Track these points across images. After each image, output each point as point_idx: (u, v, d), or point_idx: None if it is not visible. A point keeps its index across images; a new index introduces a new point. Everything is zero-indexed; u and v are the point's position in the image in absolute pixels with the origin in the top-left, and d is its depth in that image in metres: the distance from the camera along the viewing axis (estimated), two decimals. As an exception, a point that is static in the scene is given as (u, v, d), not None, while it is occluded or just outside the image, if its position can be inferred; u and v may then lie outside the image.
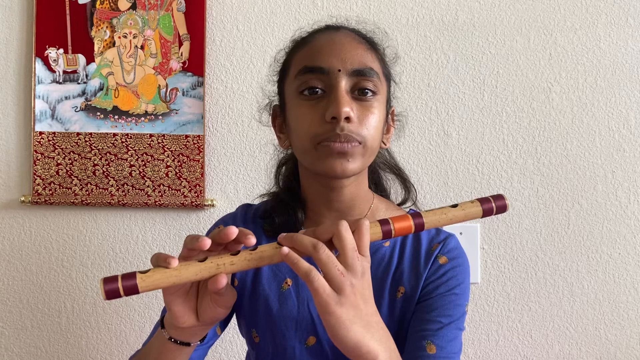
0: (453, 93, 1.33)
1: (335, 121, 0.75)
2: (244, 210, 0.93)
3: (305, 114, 0.78)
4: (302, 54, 0.81)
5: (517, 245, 1.34)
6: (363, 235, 0.64)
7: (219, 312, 0.68)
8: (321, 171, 0.78)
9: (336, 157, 0.76)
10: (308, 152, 0.79)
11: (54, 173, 1.31)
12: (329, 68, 0.77)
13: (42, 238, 1.33)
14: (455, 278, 0.83)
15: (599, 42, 1.33)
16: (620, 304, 1.33)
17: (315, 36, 0.82)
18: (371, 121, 0.78)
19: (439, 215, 0.67)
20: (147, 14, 1.31)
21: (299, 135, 0.79)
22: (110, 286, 0.59)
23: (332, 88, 0.77)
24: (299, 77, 0.79)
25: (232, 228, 0.62)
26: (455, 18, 1.33)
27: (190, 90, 1.31)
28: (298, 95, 0.79)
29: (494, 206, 0.68)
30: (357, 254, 0.63)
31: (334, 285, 0.61)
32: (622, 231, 1.33)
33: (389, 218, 0.67)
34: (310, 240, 0.62)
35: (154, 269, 0.61)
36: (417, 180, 1.33)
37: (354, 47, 0.79)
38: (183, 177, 1.31)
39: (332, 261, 0.61)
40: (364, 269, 0.63)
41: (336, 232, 0.63)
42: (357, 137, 0.76)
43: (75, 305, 1.34)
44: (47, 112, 1.31)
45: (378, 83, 0.79)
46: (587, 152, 1.33)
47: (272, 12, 1.33)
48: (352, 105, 0.76)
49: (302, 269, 0.61)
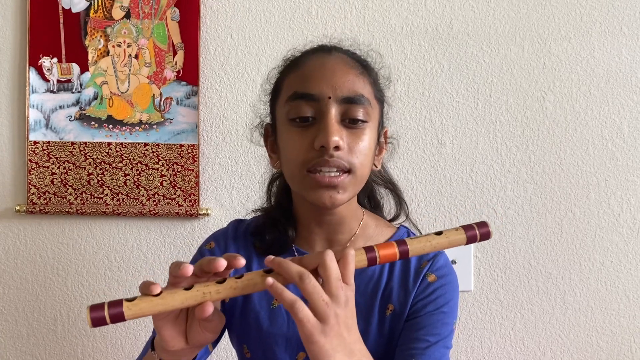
0: (447, 102, 1.33)
1: (325, 149, 0.75)
2: (234, 227, 0.93)
3: (294, 140, 0.78)
4: (294, 77, 0.81)
5: (510, 253, 1.34)
6: (348, 264, 0.65)
7: (207, 336, 0.69)
8: (310, 201, 0.79)
9: (325, 189, 0.77)
10: (297, 179, 0.79)
11: (49, 182, 1.31)
12: (319, 95, 0.77)
13: (37, 247, 1.34)
14: (443, 296, 0.84)
15: (593, 51, 1.33)
16: (612, 311, 1.35)
17: (307, 59, 0.82)
18: (361, 149, 0.78)
19: (423, 243, 0.68)
20: (141, 23, 1.31)
21: (289, 161, 0.80)
22: (97, 314, 0.59)
23: (322, 115, 0.77)
24: (289, 102, 0.79)
25: (221, 261, 0.63)
26: (449, 27, 1.33)
27: (184, 99, 1.31)
28: (288, 121, 0.79)
29: (478, 233, 0.69)
30: (342, 284, 0.64)
31: (318, 315, 0.62)
32: (614, 239, 1.34)
33: (374, 245, 0.68)
34: (297, 269, 0.63)
35: (141, 297, 0.61)
36: (411, 188, 1.33)
37: (345, 72, 0.79)
38: (178, 186, 1.31)
39: (317, 292, 0.62)
40: (347, 298, 0.64)
41: (321, 262, 0.64)
42: (346, 164, 0.77)
43: (71, 313, 1.34)
44: (42, 121, 1.31)
45: (369, 109, 0.79)
46: (580, 160, 1.34)
47: (267, 21, 1.32)
48: (341, 134, 0.76)
49: (287, 300, 0.62)
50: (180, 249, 1.33)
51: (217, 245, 0.91)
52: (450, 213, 1.34)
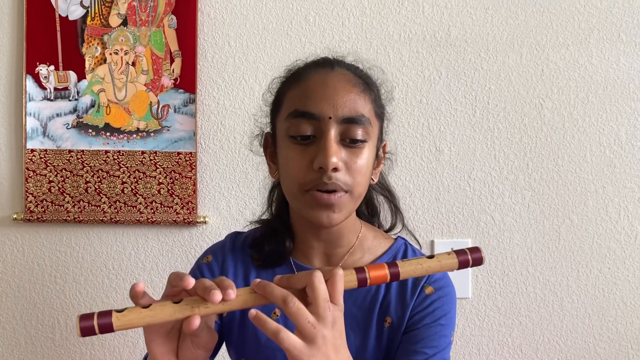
0: (445, 109, 1.33)
1: (323, 170, 0.76)
2: (232, 240, 0.93)
3: (294, 158, 0.78)
4: (295, 92, 0.81)
5: (508, 260, 1.35)
6: (336, 284, 0.65)
7: (199, 354, 0.68)
8: (308, 219, 0.80)
9: (323, 208, 0.77)
10: (296, 197, 0.80)
11: (46, 190, 1.31)
12: (319, 114, 0.77)
13: (34, 255, 1.33)
14: (441, 308, 0.84)
15: (591, 58, 1.33)
16: (609, 317, 1.35)
17: (309, 74, 0.81)
18: (359, 168, 0.78)
19: (414, 266, 0.68)
20: (138, 30, 1.30)
21: (288, 179, 0.80)
22: (86, 323, 0.60)
23: (322, 135, 0.77)
24: (289, 119, 0.79)
25: (218, 295, 0.62)
26: (447, 34, 1.33)
27: (182, 107, 1.31)
28: (288, 137, 0.79)
29: (470, 259, 0.69)
30: (329, 305, 0.64)
31: (305, 336, 0.62)
32: (612, 246, 1.34)
33: (365, 266, 0.68)
34: (280, 292, 0.63)
35: (130, 309, 0.62)
36: (409, 195, 1.33)
37: (347, 91, 0.78)
38: (175, 194, 1.31)
39: (302, 313, 0.62)
40: (334, 319, 0.64)
41: (309, 283, 0.64)
42: (343, 186, 0.77)
43: (69, 321, 1.34)
44: (39, 129, 1.30)
45: (369, 128, 0.79)
46: (578, 167, 1.34)
47: (264, 28, 1.32)
48: (340, 154, 0.77)
49: (271, 330, 0.62)
50: (177, 256, 1.33)
51: (215, 259, 0.91)
52: (448, 220, 1.34)
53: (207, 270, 0.90)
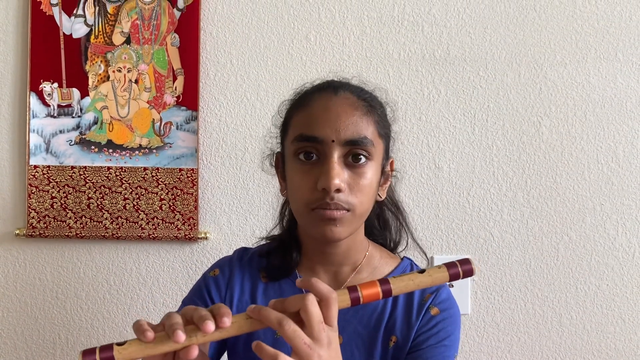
0: (444, 126, 1.35)
1: (326, 191, 0.79)
2: (239, 255, 0.95)
3: (300, 179, 0.82)
4: (300, 117, 0.84)
5: (507, 276, 1.35)
6: (330, 306, 0.67)
7: None
8: (313, 235, 0.83)
9: (327, 222, 0.81)
10: (302, 215, 0.83)
11: (49, 206, 1.32)
12: (323, 138, 0.80)
13: (36, 271, 1.34)
14: (445, 330, 0.86)
15: (589, 76, 1.35)
16: (608, 334, 1.35)
17: (314, 99, 0.85)
18: (362, 187, 0.81)
19: (406, 282, 0.70)
20: (141, 48, 1.32)
21: (295, 197, 0.84)
22: (88, 358, 0.63)
23: (325, 157, 0.80)
24: (295, 142, 0.83)
25: (211, 325, 0.63)
26: (446, 53, 1.34)
27: (184, 124, 1.32)
28: (295, 157, 0.83)
29: (460, 271, 0.71)
30: (324, 326, 0.66)
31: (302, 357, 0.64)
32: (610, 263, 1.35)
33: (357, 285, 0.70)
34: (276, 316, 0.65)
35: (130, 341, 0.64)
36: (409, 212, 1.32)
37: (350, 114, 0.82)
38: (177, 210, 1.32)
39: (298, 335, 0.64)
40: (330, 340, 0.66)
41: (302, 306, 0.65)
42: (345, 205, 0.80)
43: (70, 336, 1.35)
44: (42, 145, 1.32)
45: (372, 149, 0.82)
46: (576, 185, 1.35)
47: (266, 46, 1.34)
48: (343, 175, 0.80)
49: (269, 356, 0.63)
50: (178, 272, 1.34)
51: (222, 273, 0.93)
52: (447, 237, 1.35)
53: (213, 283, 0.92)
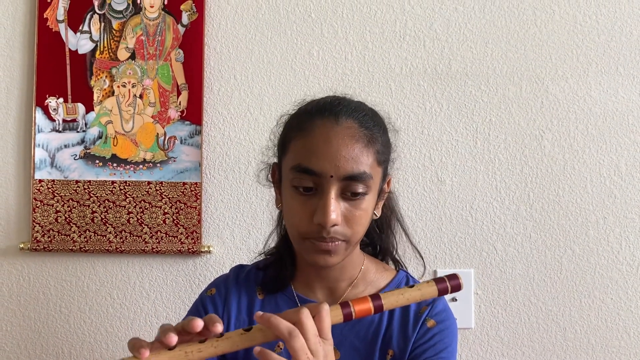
0: (446, 140, 1.35)
1: (322, 226, 0.79)
2: (236, 273, 0.95)
3: (296, 208, 0.82)
4: (300, 144, 0.82)
5: (511, 290, 1.35)
6: (324, 319, 0.68)
7: None
8: (307, 261, 0.84)
9: (320, 253, 0.81)
10: (297, 242, 0.84)
11: (53, 220, 1.33)
12: (321, 172, 0.79)
13: (40, 284, 1.35)
14: (442, 342, 0.86)
15: (590, 90, 1.35)
16: (612, 348, 1.35)
17: (314, 125, 0.82)
18: (358, 218, 0.81)
19: (396, 296, 0.73)
20: (145, 63, 1.33)
21: (290, 224, 0.84)
22: None
23: (323, 191, 0.79)
24: (293, 171, 0.82)
25: (198, 321, 0.66)
26: (448, 67, 1.35)
27: (188, 138, 1.33)
28: (292, 187, 0.82)
29: (449, 285, 0.74)
30: (319, 339, 0.67)
31: None
32: (614, 276, 1.35)
33: (350, 301, 0.72)
34: (287, 326, 0.66)
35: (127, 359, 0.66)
36: (411, 225, 1.34)
37: (351, 148, 0.80)
38: (180, 224, 1.33)
39: (304, 349, 0.66)
40: (326, 353, 0.68)
41: (297, 320, 0.67)
42: (341, 237, 0.81)
43: (73, 350, 1.35)
44: (47, 160, 1.33)
45: (370, 182, 0.81)
46: (578, 198, 1.35)
47: (269, 62, 1.35)
48: (339, 209, 0.80)
49: None
50: (181, 286, 1.34)
51: (218, 292, 0.92)
52: (450, 250, 1.35)
53: (210, 303, 0.92)
